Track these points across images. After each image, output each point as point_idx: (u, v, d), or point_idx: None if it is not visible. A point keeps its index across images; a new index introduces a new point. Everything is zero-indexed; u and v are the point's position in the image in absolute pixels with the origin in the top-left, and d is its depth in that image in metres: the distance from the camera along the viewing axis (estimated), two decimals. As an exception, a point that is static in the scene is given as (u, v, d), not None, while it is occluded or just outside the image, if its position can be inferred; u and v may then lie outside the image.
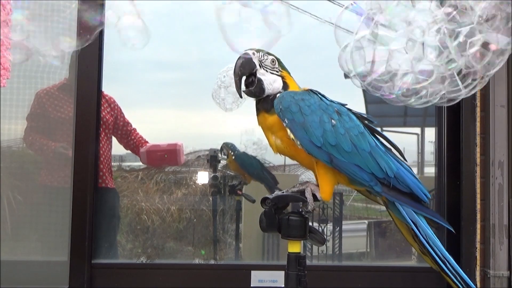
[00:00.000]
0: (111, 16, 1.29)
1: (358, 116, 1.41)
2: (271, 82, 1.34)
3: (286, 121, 1.28)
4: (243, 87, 1.35)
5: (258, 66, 1.34)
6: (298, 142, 1.28)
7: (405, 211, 1.38)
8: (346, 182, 1.37)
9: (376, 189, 1.36)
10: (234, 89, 1.45)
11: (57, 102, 2.59)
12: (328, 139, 1.29)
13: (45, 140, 2.59)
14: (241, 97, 1.36)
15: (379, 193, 1.38)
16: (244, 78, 1.35)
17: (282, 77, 1.36)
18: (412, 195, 1.39)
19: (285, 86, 1.36)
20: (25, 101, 2.55)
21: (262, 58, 1.35)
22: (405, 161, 1.43)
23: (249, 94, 1.35)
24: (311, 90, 1.38)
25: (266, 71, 1.34)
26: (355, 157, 1.31)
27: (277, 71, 1.36)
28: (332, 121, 1.32)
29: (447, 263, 1.36)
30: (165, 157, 2.99)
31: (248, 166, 3.34)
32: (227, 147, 3.31)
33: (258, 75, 1.33)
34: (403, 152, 1.49)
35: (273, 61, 1.36)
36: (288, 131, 1.28)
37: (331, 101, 1.39)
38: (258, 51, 1.36)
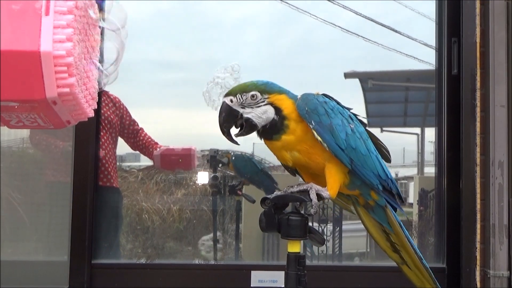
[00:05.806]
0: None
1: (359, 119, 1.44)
2: (260, 115, 1.30)
3: (313, 123, 1.27)
4: (233, 133, 1.33)
5: (240, 110, 1.30)
6: (325, 145, 1.28)
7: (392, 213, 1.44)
8: (344, 185, 1.37)
9: (379, 189, 1.38)
10: (219, 85, 1.46)
11: None
12: (350, 142, 1.30)
13: (52, 139, 2.60)
14: (238, 144, 1.34)
15: (378, 193, 1.40)
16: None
17: (271, 103, 1.31)
18: (393, 195, 1.44)
19: (277, 109, 1.30)
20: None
21: (241, 99, 1.30)
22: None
23: (244, 135, 1.33)
24: (325, 95, 1.37)
25: (252, 108, 1.30)
26: (368, 160, 1.34)
27: (263, 101, 1.30)
28: (350, 125, 1.34)
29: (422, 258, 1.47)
30: (179, 161, 2.97)
31: (243, 170, 3.34)
32: (227, 154, 3.31)
33: (244, 115, 1.30)
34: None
35: (253, 96, 1.29)
36: (315, 133, 1.27)
37: (343, 106, 1.40)
38: (234, 94, 1.30)
